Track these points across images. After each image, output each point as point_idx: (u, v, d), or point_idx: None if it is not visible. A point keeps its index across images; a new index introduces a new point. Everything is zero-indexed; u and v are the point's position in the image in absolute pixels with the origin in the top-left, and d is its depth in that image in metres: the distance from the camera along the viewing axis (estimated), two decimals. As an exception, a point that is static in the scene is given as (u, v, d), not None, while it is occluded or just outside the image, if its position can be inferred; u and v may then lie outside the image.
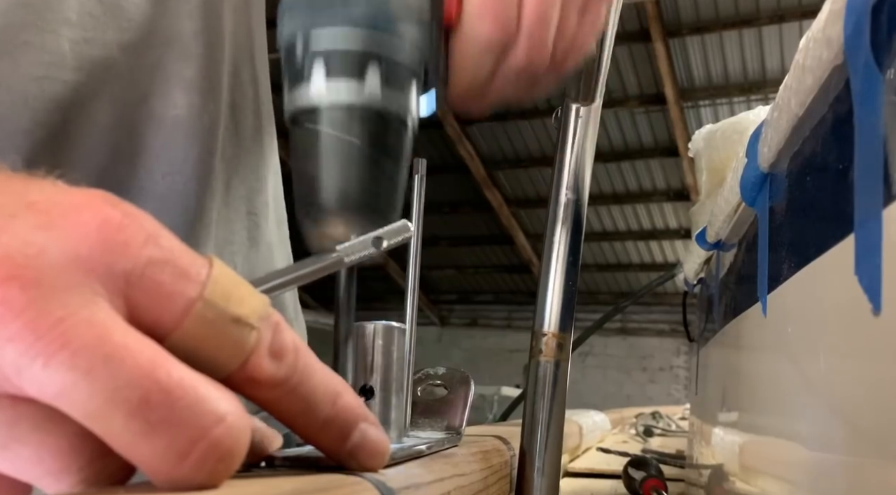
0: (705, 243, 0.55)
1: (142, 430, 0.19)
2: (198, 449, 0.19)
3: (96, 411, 0.19)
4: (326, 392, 0.24)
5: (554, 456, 0.41)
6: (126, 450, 0.19)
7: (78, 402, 0.19)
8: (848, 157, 0.22)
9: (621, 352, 7.64)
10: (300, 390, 0.23)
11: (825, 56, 0.24)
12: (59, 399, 0.19)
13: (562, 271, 0.43)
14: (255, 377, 0.22)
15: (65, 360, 0.19)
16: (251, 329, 0.22)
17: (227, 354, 0.21)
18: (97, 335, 0.19)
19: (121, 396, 0.19)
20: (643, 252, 7.18)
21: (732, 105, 5.36)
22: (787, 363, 0.30)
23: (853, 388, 0.22)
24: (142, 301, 0.21)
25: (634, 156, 6.09)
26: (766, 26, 4.80)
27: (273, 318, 0.23)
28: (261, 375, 0.22)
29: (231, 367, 0.22)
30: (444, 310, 8.54)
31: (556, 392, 0.42)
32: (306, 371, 0.23)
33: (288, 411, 0.24)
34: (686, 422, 1.02)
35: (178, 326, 0.21)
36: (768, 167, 0.35)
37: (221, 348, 0.21)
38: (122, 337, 0.19)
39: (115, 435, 0.19)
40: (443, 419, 0.42)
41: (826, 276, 0.25)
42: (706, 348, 0.59)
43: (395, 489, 0.24)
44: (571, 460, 0.90)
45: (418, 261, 0.40)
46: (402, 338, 0.35)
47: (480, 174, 6.50)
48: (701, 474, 0.60)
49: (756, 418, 0.37)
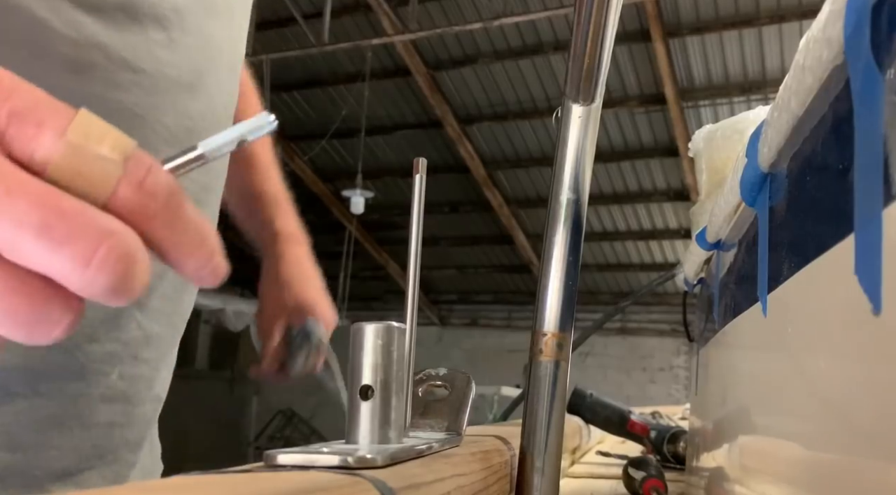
0: (705, 243, 0.55)
1: (49, 247, 0.23)
2: (99, 253, 0.23)
3: (10, 239, 0.23)
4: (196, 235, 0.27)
5: (554, 456, 0.41)
6: (43, 267, 0.23)
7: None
8: (848, 157, 0.22)
9: (621, 352, 7.64)
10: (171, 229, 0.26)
11: (825, 56, 0.24)
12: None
13: (562, 271, 0.43)
14: (125, 208, 0.25)
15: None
16: (114, 163, 0.25)
17: (95, 186, 0.24)
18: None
19: (26, 221, 0.23)
20: (643, 252, 7.18)
21: (732, 105, 5.36)
22: (787, 363, 0.30)
23: (853, 388, 0.22)
24: (13, 145, 0.24)
25: (634, 156, 6.09)
26: (766, 26, 4.80)
27: (146, 161, 0.25)
28: (129, 207, 0.25)
29: (100, 199, 0.25)
30: (444, 310, 8.54)
31: (556, 392, 0.42)
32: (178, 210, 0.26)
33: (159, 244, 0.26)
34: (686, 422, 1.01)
35: (48, 165, 0.24)
36: (768, 167, 0.35)
37: (89, 180, 0.24)
38: (13, 173, 0.23)
39: (31, 257, 0.23)
40: (443, 419, 0.42)
41: (826, 276, 0.25)
42: (706, 348, 0.59)
43: (395, 489, 0.24)
44: (571, 465, 0.90)
45: (418, 261, 0.40)
46: (402, 338, 0.35)
47: (480, 174, 6.50)
48: (701, 474, 0.60)
49: (756, 418, 0.37)
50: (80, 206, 0.24)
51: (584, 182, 0.44)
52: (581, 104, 0.43)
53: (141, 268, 0.24)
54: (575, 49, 0.42)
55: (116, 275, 0.24)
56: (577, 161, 0.44)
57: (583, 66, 0.42)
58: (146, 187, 0.25)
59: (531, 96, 5.81)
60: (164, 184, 0.26)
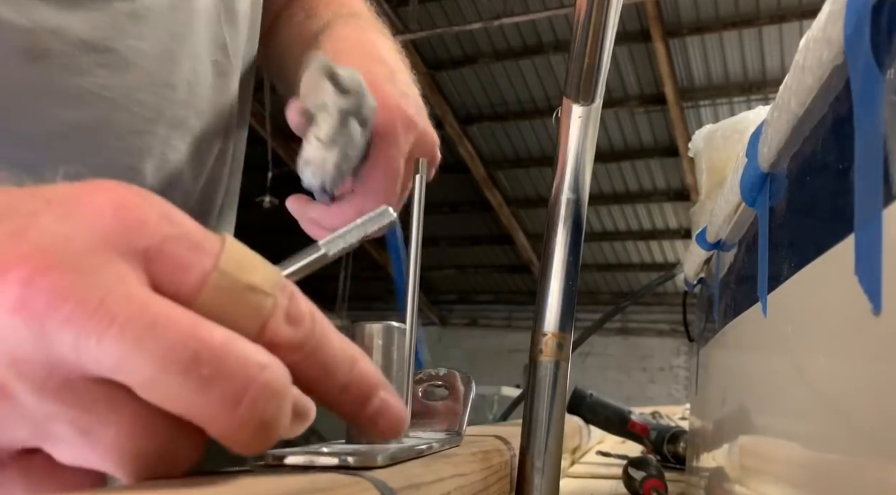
0: (705, 243, 0.55)
1: (196, 386, 0.20)
2: (249, 394, 0.21)
3: (152, 376, 0.20)
4: (344, 357, 0.25)
5: (554, 456, 0.41)
6: (185, 409, 0.21)
7: (134, 371, 0.20)
8: (848, 157, 0.22)
9: (621, 352, 7.64)
10: (318, 355, 0.24)
11: (825, 56, 0.24)
12: (118, 371, 0.21)
13: (562, 271, 0.43)
14: (274, 341, 0.23)
15: (115, 334, 0.20)
16: (266, 295, 0.23)
17: (245, 320, 0.23)
18: (137, 307, 0.21)
19: (171, 358, 0.20)
20: (643, 252, 7.18)
21: (732, 105, 5.36)
22: (787, 363, 0.30)
23: (853, 388, 0.22)
24: (162, 273, 0.22)
25: (634, 156, 6.09)
26: (766, 26, 4.80)
27: (288, 288, 0.24)
28: (279, 339, 0.23)
29: (251, 333, 0.23)
30: (444, 310, 8.54)
31: (556, 392, 0.42)
32: (323, 337, 0.25)
33: (307, 376, 0.24)
34: (686, 422, 1.02)
35: (197, 295, 0.22)
36: (768, 167, 0.35)
37: (240, 314, 0.23)
38: (159, 305, 0.21)
39: (172, 396, 0.21)
40: (443, 419, 0.42)
41: (826, 276, 0.25)
42: (706, 348, 0.59)
43: (395, 489, 0.24)
44: (571, 465, 0.90)
45: (418, 261, 0.40)
46: (402, 338, 0.35)
47: (480, 174, 6.51)
48: (701, 474, 0.60)
49: (756, 418, 0.37)
50: (232, 337, 0.22)
51: (584, 182, 0.44)
52: (581, 104, 0.43)
53: (288, 407, 0.22)
54: (575, 49, 0.42)
55: (266, 417, 0.21)
56: (577, 161, 0.44)
57: (583, 66, 0.42)
58: (292, 316, 0.24)
59: (531, 96, 5.81)
60: (308, 312, 0.24)
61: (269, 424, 0.21)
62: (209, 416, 0.21)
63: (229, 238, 0.24)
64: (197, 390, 0.20)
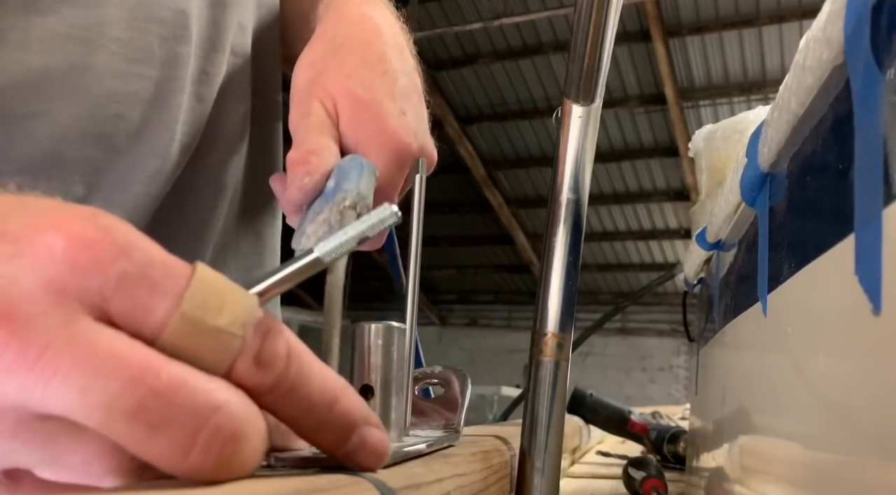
0: (705, 243, 0.55)
1: (144, 433, 0.20)
2: (200, 441, 0.20)
3: (101, 422, 0.20)
4: (323, 397, 0.24)
5: (554, 456, 0.41)
6: (137, 451, 0.20)
7: (84, 417, 0.20)
8: (848, 157, 0.22)
9: (621, 352, 7.64)
10: (293, 396, 0.23)
11: (825, 56, 0.24)
12: (68, 415, 0.20)
13: (562, 271, 0.43)
14: (242, 383, 0.22)
15: (59, 385, 0.19)
16: (233, 336, 0.22)
17: (210, 362, 0.22)
18: (83, 354, 0.20)
19: (117, 406, 0.19)
20: (643, 252, 7.18)
21: (732, 105, 5.36)
22: (787, 363, 0.30)
23: (853, 388, 0.22)
24: (121, 313, 0.21)
25: (634, 156, 6.10)
26: (766, 26, 4.80)
27: (263, 325, 0.23)
28: (247, 382, 0.22)
29: (217, 373, 0.22)
30: (444, 310, 8.54)
31: (556, 392, 0.42)
32: (300, 377, 0.23)
33: (283, 415, 0.24)
34: (686, 422, 1.02)
35: (159, 336, 0.21)
36: (768, 167, 0.35)
37: (204, 357, 0.21)
38: (109, 347, 0.20)
39: (123, 439, 0.20)
40: (440, 417, 0.42)
41: (826, 276, 0.25)
42: (706, 348, 0.59)
43: (395, 489, 0.24)
44: (571, 465, 0.90)
45: (418, 261, 0.40)
46: (402, 338, 0.35)
47: (480, 174, 6.51)
48: (701, 474, 0.60)
49: (756, 418, 0.37)
50: (185, 377, 0.20)
51: (584, 182, 0.44)
52: (581, 104, 0.43)
53: (251, 446, 0.21)
54: (575, 49, 0.42)
55: (222, 461, 0.20)
56: (577, 161, 0.44)
57: (583, 66, 0.42)
58: (263, 359, 0.22)
59: (531, 96, 5.81)
60: (283, 352, 0.23)
61: (228, 465, 0.20)
62: (163, 462, 0.20)
63: (200, 270, 0.22)
64: (145, 438, 0.20)
